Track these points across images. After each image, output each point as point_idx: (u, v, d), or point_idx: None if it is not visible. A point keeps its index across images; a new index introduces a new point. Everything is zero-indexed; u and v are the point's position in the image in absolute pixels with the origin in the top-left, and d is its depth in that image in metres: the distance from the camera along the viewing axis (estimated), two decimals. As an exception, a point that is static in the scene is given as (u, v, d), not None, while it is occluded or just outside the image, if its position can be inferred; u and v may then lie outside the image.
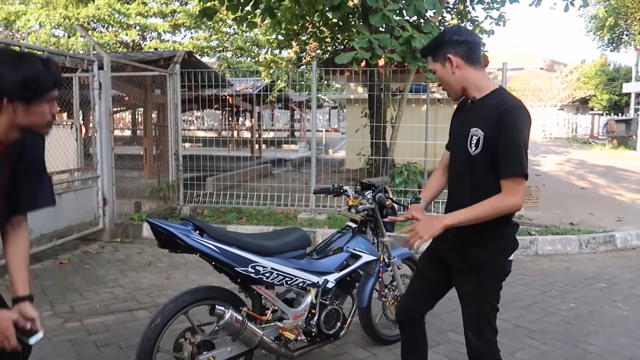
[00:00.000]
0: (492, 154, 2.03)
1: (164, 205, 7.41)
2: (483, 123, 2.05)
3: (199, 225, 2.50)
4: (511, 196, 2.01)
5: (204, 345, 2.54)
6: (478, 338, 2.20)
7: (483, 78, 2.14)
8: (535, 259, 5.71)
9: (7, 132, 1.70)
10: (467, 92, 2.17)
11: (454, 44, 2.10)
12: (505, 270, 2.22)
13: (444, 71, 2.14)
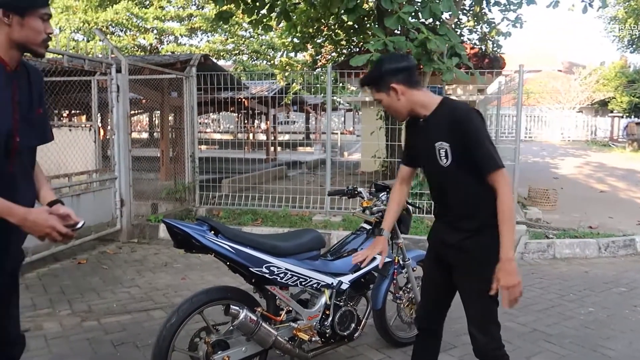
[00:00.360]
0: (464, 160, 2.13)
1: (180, 206, 7.47)
2: (445, 135, 2.16)
3: (214, 226, 2.52)
4: (505, 187, 2.09)
5: (219, 345, 2.56)
6: (484, 334, 2.22)
7: (425, 96, 2.25)
8: (553, 263, 5.64)
9: (8, 52, 1.78)
10: (415, 113, 2.27)
11: (395, 73, 2.21)
12: None
13: (390, 99, 2.25)
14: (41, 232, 1.71)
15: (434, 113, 2.22)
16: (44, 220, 1.71)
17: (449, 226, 2.30)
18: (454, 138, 2.13)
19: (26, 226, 1.70)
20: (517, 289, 2.04)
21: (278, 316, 2.72)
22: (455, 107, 2.18)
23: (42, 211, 1.74)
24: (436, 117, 2.20)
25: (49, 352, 3.24)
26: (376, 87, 2.28)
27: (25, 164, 1.89)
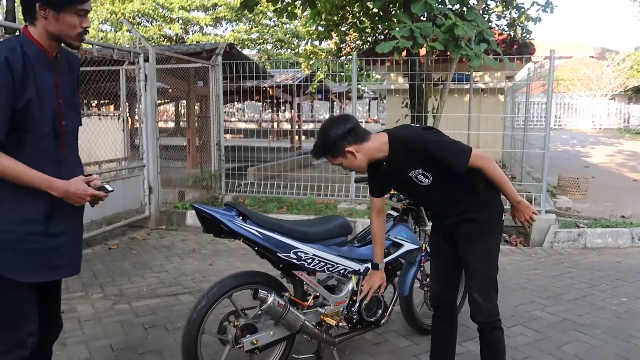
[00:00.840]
0: (442, 171, 2.27)
1: (207, 194, 7.57)
2: (414, 164, 2.30)
3: (243, 211, 2.54)
4: (482, 161, 2.26)
5: (247, 329, 2.59)
6: (486, 300, 2.38)
7: (375, 141, 2.33)
8: (583, 252, 5.52)
9: (47, 41, 1.84)
10: (374, 159, 2.36)
11: (343, 137, 2.30)
12: (502, 228, 2.52)
13: (349, 161, 2.36)
14: (82, 201, 1.86)
15: (391, 153, 2.32)
16: (84, 190, 1.85)
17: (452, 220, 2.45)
18: (423, 162, 2.28)
19: (68, 197, 1.82)
20: (533, 215, 2.40)
21: (305, 301, 2.74)
22: (407, 140, 2.30)
23: (80, 181, 1.85)
24: (395, 155, 2.31)
25: (83, 334, 3.33)
26: (332, 155, 2.37)
27: (72, 146, 2.00)
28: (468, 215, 2.38)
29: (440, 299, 2.61)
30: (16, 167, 1.74)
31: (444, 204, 2.44)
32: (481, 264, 2.38)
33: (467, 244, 2.41)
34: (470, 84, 8.30)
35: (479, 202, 2.38)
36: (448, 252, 2.53)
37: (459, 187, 2.35)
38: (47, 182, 1.79)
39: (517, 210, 2.42)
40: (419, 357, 3.10)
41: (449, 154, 2.24)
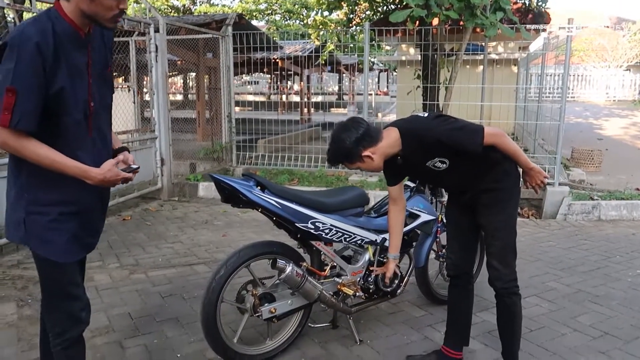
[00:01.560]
0: (459, 155, 2.26)
1: (218, 166, 7.57)
2: (429, 155, 2.29)
3: (260, 181, 2.53)
4: (500, 138, 2.27)
5: (265, 298, 2.61)
6: (505, 265, 2.39)
7: (388, 138, 2.31)
8: (598, 224, 5.49)
9: (80, 19, 1.74)
10: (389, 156, 2.34)
11: (360, 142, 2.26)
12: (519, 196, 2.50)
13: (367, 164, 2.33)
14: (114, 184, 1.84)
15: (405, 147, 2.30)
16: (116, 175, 1.80)
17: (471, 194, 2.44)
18: (438, 151, 2.26)
19: (103, 183, 1.79)
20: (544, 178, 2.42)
21: (322, 271, 2.75)
22: (419, 134, 2.27)
23: (112, 166, 1.80)
24: (409, 149, 2.30)
25: (101, 302, 3.39)
26: (349, 161, 2.34)
27: (102, 127, 1.92)
28: (487, 186, 2.38)
29: (457, 268, 2.61)
30: (51, 155, 1.70)
31: (463, 182, 2.42)
32: (500, 231, 2.39)
33: (487, 212, 2.40)
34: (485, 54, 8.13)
35: (498, 172, 2.37)
36: (466, 221, 2.53)
37: (477, 164, 2.33)
38: (83, 172, 1.74)
39: (529, 175, 2.43)
40: (434, 327, 3.12)
41: (464, 140, 2.22)
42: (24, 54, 1.61)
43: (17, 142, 1.66)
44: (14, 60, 1.61)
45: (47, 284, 1.89)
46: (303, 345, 2.86)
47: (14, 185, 1.81)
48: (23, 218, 1.78)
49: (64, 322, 1.90)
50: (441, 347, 2.68)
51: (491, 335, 2.96)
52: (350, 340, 2.91)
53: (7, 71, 1.61)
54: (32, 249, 1.83)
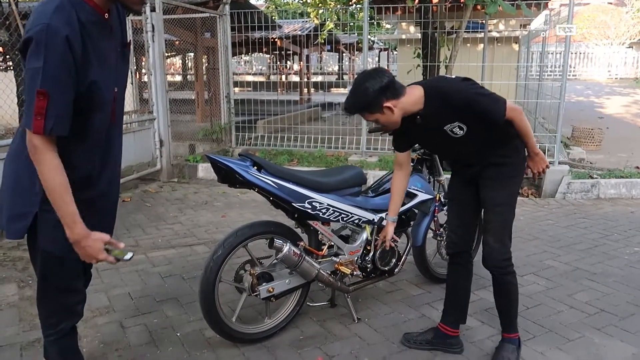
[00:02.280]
0: (478, 123, 2.23)
1: (217, 147, 7.55)
2: (450, 118, 2.24)
3: (257, 161, 2.52)
4: (519, 115, 2.26)
5: (263, 277, 2.63)
6: (500, 243, 2.40)
7: (411, 95, 2.26)
8: (596, 203, 5.49)
9: (104, 1, 1.63)
10: (409, 113, 2.29)
11: (382, 92, 2.21)
12: (523, 177, 2.49)
13: (387, 117, 2.27)
14: (86, 258, 1.68)
15: (427, 106, 2.26)
16: (97, 251, 1.65)
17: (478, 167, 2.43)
18: (461, 116, 2.22)
19: (78, 245, 1.65)
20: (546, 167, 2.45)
21: (320, 251, 2.76)
22: (446, 93, 2.22)
23: (99, 241, 1.66)
24: (431, 108, 2.25)
25: (102, 282, 3.41)
26: (369, 111, 2.28)
27: (119, 111, 1.85)
28: (496, 160, 2.37)
29: (456, 246, 2.61)
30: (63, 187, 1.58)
31: (474, 153, 2.39)
32: (501, 207, 2.38)
33: (491, 187, 2.40)
34: (485, 32, 8.04)
35: (509, 148, 2.37)
36: (467, 198, 2.53)
37: (492, 136, 2.31)
38: (71, 223, 1.61)
39: (533, 161, 2.43)
40: (432, 305, 3.14)
41: (490, 106, 2.20)
42: (53, 51, 1.47)
43: (45, 149, 1.54)
44: (42, 58, 1.47)
45: (47, 277, 1.82)
46: (302, 324, 2.88)
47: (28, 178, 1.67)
48: (34, 212, 1.68)
49: (59, 314, 1.87)
50: (438, 324, 2.70)
51: (488, 312, 2.99)
52: (348, 319, 2.94)
53: (36, 71, 1.48)
54: (42, 246, 1.74)
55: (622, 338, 2.74)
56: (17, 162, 1.72)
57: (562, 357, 2.57)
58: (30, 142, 1.55)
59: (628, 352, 2.61)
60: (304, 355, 2.58)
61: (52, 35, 1.47)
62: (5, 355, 2.56)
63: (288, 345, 2.68)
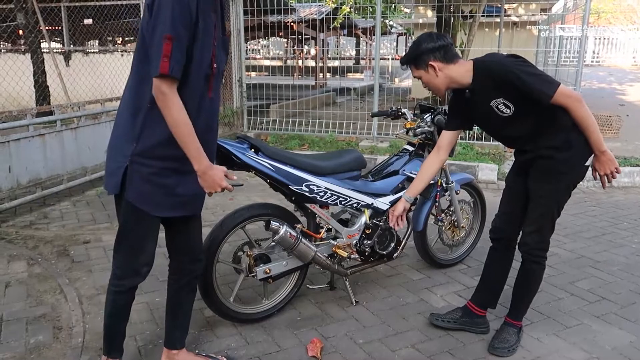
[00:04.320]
0: (524, 102, 2.19)
1: (229, 131, 7.60)
2: (495, 93, 2.24)
3: (254, 144, 2.54)
4: (575, 103, 2.15)
5: (260, 259, 2.66)
6: (538, 235, 2.39)
7: (462, 66, 2.32)
8: (608, 191, 5.40)
9: None
10: (455, 85, 2.35)
11: (432, 51, 2.31)
12: (581, 175, 2.37)
13: (429, 76, 2.36)
14: (211, 188, 1.87)
15: (475, 80, 2.29)
16: (220, 179, 1.86)
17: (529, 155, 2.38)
18: (505, 91, 2.21)
19: (203, 177, 1.83)
20: (615, 171, 2.28)
21: (318, 234, 2.78)
22: (491, 67, 2.24)
23: (220, 171, 1.87)
24: (478, 82, 2.28)
25: (108, 261, 3.48)
26: (415, 65, 2.39)
27: (219, 90, 2.00)
28: (546, 152, 2.29)
29: (498, 232, 2.59)
30: (189, 126, 1.75)
31: (522, 138, 2.35)
32: (543, 200, 2.35)
33: (538, 177, 2.36)
34: (502, 16, 7.88)
35: (560, 140, 2.25)
36: (519, 187, 2.49)
37: (541, 121, 2.25)
38: (198, 156, 1.79)
39: (599, 161, 2.27)
40: (431, 290, 3.15)
41: (535, 85, 2.13)
42: (181, 3, 1.65)
43: (171, 93, 1.70)
44: (170, 7, 1.64)
45: (126, 230, 1.96)
46: (300, 306, 2.92)
47: (123, 134, 1.84)
48: (125, 166, 1.82)
49: (124, 268, 1.99)
50: (467, 302, 2.72)
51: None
52: (346, 302, 2.96)
53: (164, 18, 1.64)
54: (127, 197, 1.86)
55: (621, 326, 2.72)
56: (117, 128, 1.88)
57: (558, 344, 2.56)
58: (158, 89, 1.69)
59: (626, 339, 2.59)
60: (300, 336, 2.62)
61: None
62: (11, 327, 2.65)
63: (285, 326, 2.72)
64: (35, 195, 4.59)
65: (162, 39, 1.65)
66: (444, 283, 3.24)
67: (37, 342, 2.52)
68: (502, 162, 5.89)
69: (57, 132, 4.77)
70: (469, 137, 6.67)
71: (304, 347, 2.51)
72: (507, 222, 2.57)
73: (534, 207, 2.39)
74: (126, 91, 1.89)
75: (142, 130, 1.81)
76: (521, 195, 2.48)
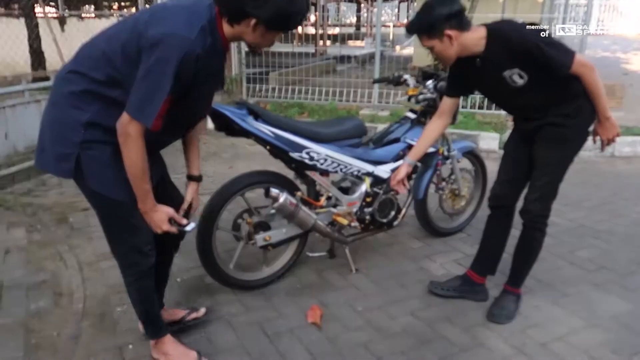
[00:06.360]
0: (540, 73, 2.13)
1: (228, 98, 7.50)
2: (510, 63, 2.15)
3: (254, 109, 2.49)
4: (589, 72, 2.12)
5: (260, 226, 2.65)
6: (541, 203, 2.36)
7: (474, 33, 2.19)
8: (610, 161, 5.37)
9: (232, 38, 1.78)
10: (467, 53, 2.22)
11: (448, 19, 2.13)
12: (585, 140, 2.33)
13: (443, 46, 2.19)
14: (152, 226, 1.88)
15: (488, 48, 2.18)
16: (161, 221, 1.87)
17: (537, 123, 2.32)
18: (522, 61, 2.13)
19: (145, 217, 1.85)
20: (616, 135, 2.27)
21: (318, 201, 2.76)
22: (510, 37, 2.12)
23: (164, 213, 1.87)
24: (492, 51, 2.17)
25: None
26: (428, 34, 2.20)
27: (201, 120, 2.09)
28: (556, 120, 2.25)
29: (499, 200, 2.56)
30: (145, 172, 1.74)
31: (533, 107, 2.29)
32: (550, 168, 2.32)
33: (545, 146, 2.32)
34: (506, -19, 7.68)
35: (572, 106, 2.22)
36: (521, 155, 2.46)
37: (554, 90, 2.20)
38: (144, 197, 1.79)
39: (602, 127, 2.25)
40: (430, 258, 3.15)
41: (554, 56, 2.06)
42: (185, 64, 1.62)
43: (137, 138, 1.67)
44: (174, 67, 1.60)
45: (108, 220, 1.90)
46: (299, 273, 2.93)
47: (70, 118, 1.72)
48: (76, 153, 1.73)
49: (130, 255, 1.94)
50: (467, 270, 2.72)
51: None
52: (346, 269, 2.97)
53: (167, 77, 1.60)
54: (91, 187, 1.79)
55: (619, 295, 2.73)
56: (57, 107, 1.77)
57: (556, 311, 2.58)
58: (126, 128, 1.66)
59: (623, 308, 2.61)
60: (299, 303, 2.63)
61: (190, 51, 1.62)
62: (12, 293, 2.66)
63: (284, 294, 2.73)
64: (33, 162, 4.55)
65: (162, 96, 1.62)
66: (444, 251, 3.24)
67: (38, 308, 2.53)
68: (503, 131, 5.83)
69: (54, 99, 4.69)
70: (470, 105, 6.59)
71: (304, 314, 2.52)
72: (508, 189, 2.54)
73: (539, 174, 2.35)
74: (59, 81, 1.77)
75: (94, 118, 1.72)
76: (523, 163, 2.45)
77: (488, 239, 2.67)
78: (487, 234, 2.68)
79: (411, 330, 2.41)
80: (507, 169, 2.55)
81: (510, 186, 2.54)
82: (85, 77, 1.72)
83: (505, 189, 2.55)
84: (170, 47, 1.59)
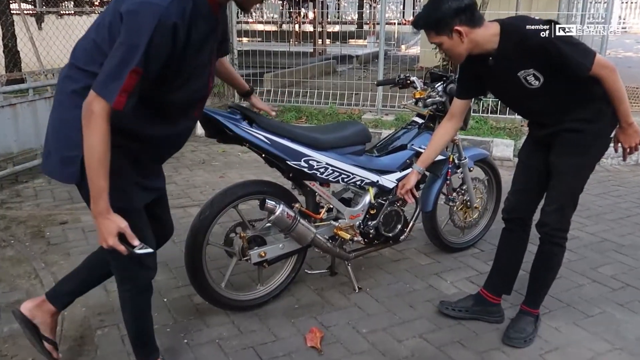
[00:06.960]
0: (556, 75, 2.13)
1: (219, 102, 7.53)
2: (525, 63, 2.15)
3: (248, 114, 2.50)
4: (611, 74, 2.11)
5: (255, 241, 2.65)
6: (558, 214, 2.36)
7: (487, 29, 2.18)
8: (634, 169, 5.40)
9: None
10: (479, 50, 2.21)
11: (458, 13, 2.12)
12: (606, 148, 2.35)
13: (452, 43, 2.18)
14: (100, 234, 1.73)
15: (502, 46, 2.18)
16: (109, 234, 1.70)
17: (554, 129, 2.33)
18: (538, 62, 2.14)
19: (95, 220, 1.73)
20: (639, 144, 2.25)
21: (317, 214, 2.76)
22: (526, 35, 2.11)
23: (115, 224, 1.71)
24: (505, 50, 2.17)
25: (87, 243, 3.48)
26: (436, 30, 2.19)
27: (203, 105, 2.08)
28: (574, 125, 2.25)
29: (513, 212, 2.56)
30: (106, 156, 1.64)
31: (549, 111, 2.30)
32: (566, 176, 2.32)
33: (561, 152, 2.32)
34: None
35: (592, 111, 2.23)
36: (536, 163, 2.46)
37: (573, 93, 2.21)
38: (98, 196, 1.66)
39: (624, 133, 2.24)
40: (440, 276, 3.15)
41: (573, 56, 2.06)
42: (159, 35, 1.57)
43: (100, 117, 1.59)
44: (147, 38, 1.55)
45: None
46: (297, 292, 2.92)
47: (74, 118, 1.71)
48: (81, 155, 1.69)
49: (131, 267, 1.95)
50: (480, 289, 2.72)
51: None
52: (348, 288, 2.97)
53: (135, 47, 1.55)
54: None
55: (646, 315, 2.73)
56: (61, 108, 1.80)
57: (578, 333, 2.57)
58: (90, 105, 1.60)
59: (652, 330, 2.60)
60: (298, 325, 2.62)
61: (163, 19, 1.57)
62: (-17, 316, 2.64)
63: (282, 314, 2.72)
64: (7, 171, 4.56)
65: (129, 71, 1.56)
66: (455, 268, 3.24)
67: (11, 331, 2.52)
68: (518, 138, 5.86)
69: (30, 102, 4.72)
70: (482, 109, 6.62)
71: (302, 337, 2.51)
72: (522, 200, 2.54)
73: (556, 184, 2.35)
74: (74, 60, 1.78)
75: None
76: (539, 172, 2.46)
77: (503, 255, 2.67)
78: (501, 249, 2.67)
79: (420, 355, 2.41)
80: (522, 177, 2.55)
81: (526, 197, 2.54)
82: (85, 72, 1.74)
83: (520, 200, 2.55)
84: (141, 16, 1.56)
